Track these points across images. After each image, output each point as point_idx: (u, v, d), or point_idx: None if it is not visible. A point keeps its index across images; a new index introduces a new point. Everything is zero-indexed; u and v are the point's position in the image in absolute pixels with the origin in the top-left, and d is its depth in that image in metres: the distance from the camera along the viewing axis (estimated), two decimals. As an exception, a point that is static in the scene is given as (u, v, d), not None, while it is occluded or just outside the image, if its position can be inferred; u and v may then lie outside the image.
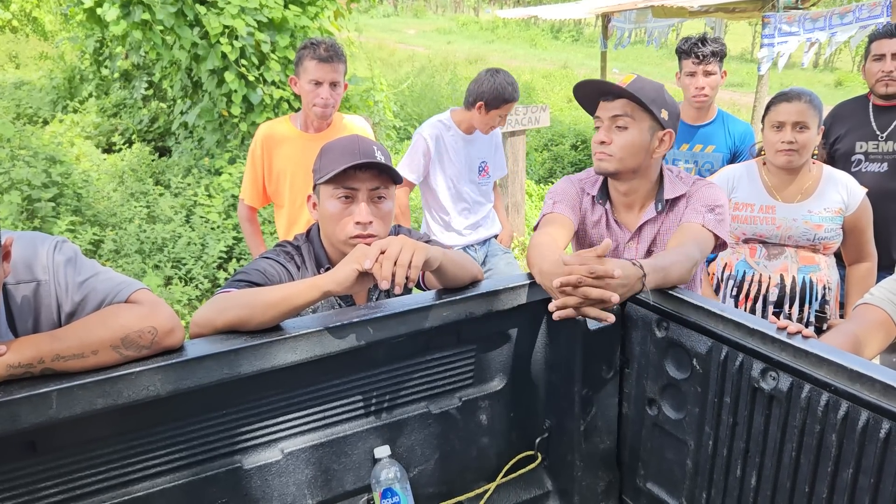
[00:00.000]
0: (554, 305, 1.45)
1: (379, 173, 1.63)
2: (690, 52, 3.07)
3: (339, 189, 1.62)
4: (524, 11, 17.54)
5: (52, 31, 14.73)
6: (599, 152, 1.89)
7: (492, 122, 3.21)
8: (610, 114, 1.86)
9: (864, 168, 2.97)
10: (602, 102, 1.89)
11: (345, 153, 1.61)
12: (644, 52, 24.67)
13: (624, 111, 1.84)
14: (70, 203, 5.29)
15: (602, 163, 1.89)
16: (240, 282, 1.54)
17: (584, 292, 1.40)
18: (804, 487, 1.34)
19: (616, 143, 1.86)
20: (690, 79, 3.10)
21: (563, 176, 8.11)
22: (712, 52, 3.04)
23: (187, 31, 5.32)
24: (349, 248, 1.58)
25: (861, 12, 6.60)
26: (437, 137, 3.27)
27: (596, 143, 1.89)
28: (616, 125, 1.86)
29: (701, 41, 3.08)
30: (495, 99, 3.13)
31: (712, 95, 3.13)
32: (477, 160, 3.38)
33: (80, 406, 1.17)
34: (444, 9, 49.19)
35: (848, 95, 3.50)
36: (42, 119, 8.64)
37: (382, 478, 1.56)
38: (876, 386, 1.20)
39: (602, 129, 1.88)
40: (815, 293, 2.42)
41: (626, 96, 1.84)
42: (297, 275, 1.68)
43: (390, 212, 1.69)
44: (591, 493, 1.80)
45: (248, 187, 2.95)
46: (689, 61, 3.08)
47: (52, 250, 1.26)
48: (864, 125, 2.98)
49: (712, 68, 3.06)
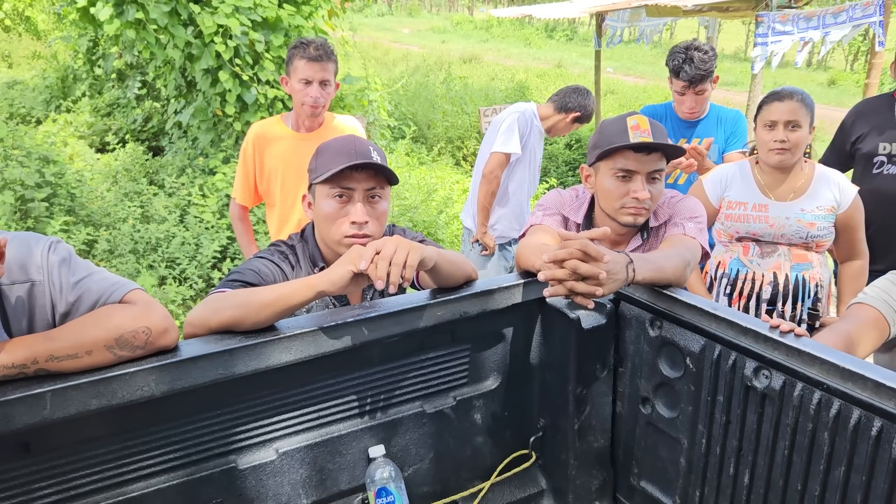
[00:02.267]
0: (542, 276, 1.48)
1: (375, 174, 1.64)
2: (679, 75, 3.00)
3: (335, 188, 1.62)
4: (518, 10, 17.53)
5: (45, 30, 14.68)
6: (638, 207, 1.81)
7: (566, 132, 3.54)
8: (650, 168, 1.80)
9: (887, 171, 2.91)
10: (634, 154, 1.80)
11: (341, 153, 1.61)
12: (638, 52, 24.70)
13: (660, 166, 1.82)
14: (64, 203, 5.27)
15: (639, 218, 1.84)
16: (234, 281, 1.54)
17: (573, 265, 1.43)
18: (797, 485, 1.35)
19: (653, 196, 1.82)
20: (681, 97, 3.08)
21: (557, 174, 8.08)
22: (701, 77, 2.96)
23: (181, 30, 5.31)
24: (344, 248, 1.59)
25: (855, 11, 6.63)
26: (529, 122, 3.47)
27: (631, 199, 1.80)
28: (651, 178, 1.81)
29: (689, 60, 2.95)
30: (587, 117, 3.49)
31: (704, 108, 3.15)
32: (541, 157, 3.69)
33: (75, 406, 1.17)
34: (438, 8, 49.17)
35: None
36: (35, 119, 8.62)
37: (377, 477, 1.56)
38: (868, 384, 1.21)
39: (641, 185, 1.79)
40: (807, 291, 2.43)
41: (661, 150, 1.80)
42: (291, 274, 1.68)
43: (385, 212, 1.69)
44: (585, 491, 1.80)
45: (239, 186, 2.95)
46: (680, 83, 3.03)
47: (47, 251, 1.25)
48: (889, 125, 2.91)
49: (702, 88, 3.02)
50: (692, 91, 3.02)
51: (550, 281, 1.48)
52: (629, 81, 17.64)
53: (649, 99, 14.30)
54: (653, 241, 1.93)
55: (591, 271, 1.42)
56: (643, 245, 1.93)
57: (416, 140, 9.10)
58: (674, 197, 1.96)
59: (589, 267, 1.43)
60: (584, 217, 1.96)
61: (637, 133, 1.77)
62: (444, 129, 9.48)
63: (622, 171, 1.80)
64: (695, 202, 1.94)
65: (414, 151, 8.31)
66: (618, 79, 17.85)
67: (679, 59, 2.99)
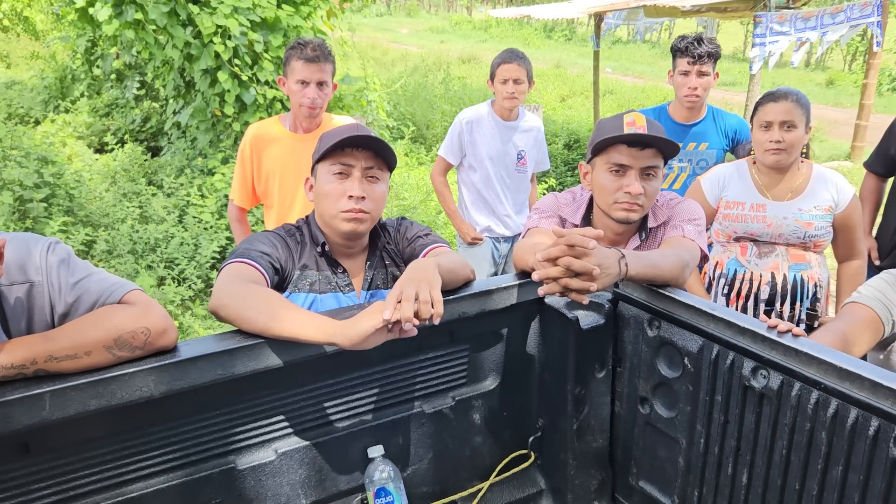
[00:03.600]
0: (536, 276, 1.49)
1: (375, 155, 1.67)
2: (686, 51, 3.06)
3: (335, 165, 1.65)
4: (517, 11, 17.56)
5: (43, 30, 14.67)
6: (631, 203, 1.80)
7: (500, 94, 3.34)
8: (642, 164, 1.78)
9: None
10: (627, 149, 1.78)
11: (343, 133, 1.65)
12: (637, 52, 24.72)
13: (655, 162, 1.79)
14: (62, 203, 5.27)
15: (632, 214, 1.82)
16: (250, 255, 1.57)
17: (566, 262, 1.45)
18: (794, 485, 1.35)
19: (647, 192, 1.80)
20: (684, 78, 3.10)
21: (556, 174, 8.08)
22: (708, 53, 3.04)
23: (180, 30, 5.30)
24: (341, 223, 1.63)
25: (852, 12, 6.64)
26: (472, 121, 3.44)
27: (624, 193, 1.79)
28: (646, 174, 1.80)
29: (697, 40, 3.07)
30: (493, 68, 3.36)
31: (704, 97, 3.14)
32: (514, 148, 3.50)
33: (74, 407, 1.17)
34: (437, 8, 49.18)
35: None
36: (33, 119, 8.61)
37: (376, 477, 1.56)
38: (865, 384, 1.21)
39: (634, 180, 1.78)
40: (806, 291, 2.43)
41: (657, 146, 1.78)
42: (294, 249, 1.71)
43: (383, 195, 1.72)
44: (583, 491, 1.80)
45: (237, 188, 2.95)
46: (685, 60, 3.07)
47: (46, 251, 1.26)
48: None
49: (706, 69, 3.06)
50: (696, 69, 3.06)
51: (545, 279, 1.49)
52: (628, 81, 17.64)
53: (648, 99, 14.31)
54: (651, 241, 1.93)
55: (585, 267, 1.44)
56: (642, 245, 1.93)
57: (415, 140, 9.10)
58: (673, 199, 1.96)
59: (582, 263, 1.44)
60: (583, 218, 1.96)
61: (632, 129, 1.77)
62: (442, 129, 9.47)
63: (616, 165, 1.80)
64: (694, 205, 1.94)
65: (413, 152, 8.31)
66: (616, 79, 17.87)
67: (688, 39, 3.11)
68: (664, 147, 1.80)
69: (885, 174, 3.24)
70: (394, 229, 1.83)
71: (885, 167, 3.20)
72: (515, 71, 3.29)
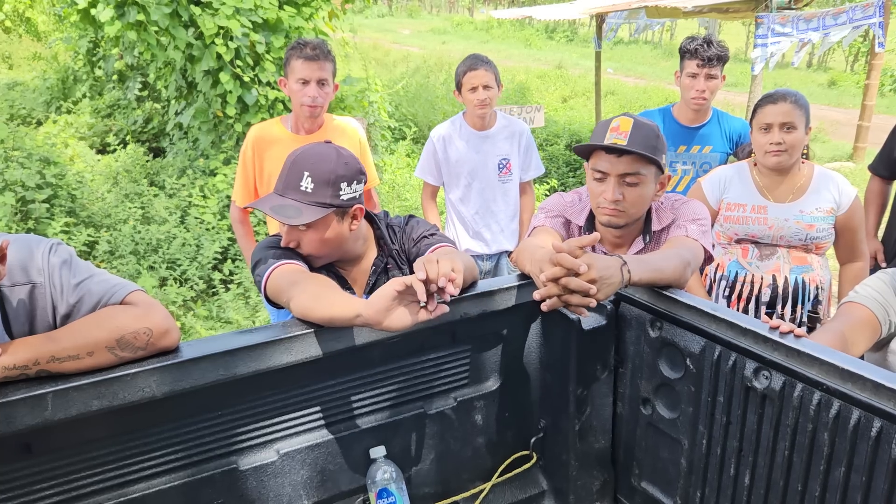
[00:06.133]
0: (538, 294, 1.48)
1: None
2: (695, 53, 3.02)
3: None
4: (518, 12, 17.55)
5: (45, 31, 14.67)
6: (612, 209, 1.80)
7: (470, 102, 3.16)
8: (619, 171, 1.76)
9: None
10: (606, 155, 1.77)
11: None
12: (639, 52, 24.69)
13: (635, 169, 1.76)
14: (64, 204, 5.27)
15: (613, 219, 1.82)
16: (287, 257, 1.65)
17: (565, 282, 1.44)
18: (797, 486, 1.35)
19: (628, 199, 1.78)
20: (692, 80, 3.06)
21: (557, 175, 8.08)
22: (717, 56, 3.00)
23: (182, 31, 5.31)
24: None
25: (854, 13, 6.63)
26: (444, 136, 3.28)
27: (604, 199, 1.79)
28: (626, 181, 1.78)
29: (707, 43, 3.02)
30: (458, 78, 3.16)
31: (710, 99, 3.12)
32: (494, 157, 3.30)
33: (76, 408, 1.17)
34: (438, 9, 49.17)
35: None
36: (36, 120, 8.62)
37: (378, 478, 1.57)
38: (867, 385, 1.21)
39: (611, 187, 1.77)
40: (807, 293, 2.43)
41: (634, 154, 1.74)
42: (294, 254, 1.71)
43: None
44: (586, 492, 1.80)
45: (239, 189, 2.95)
46: (693, 62, 3.03)
47: (48, 252, 1.26)
48: None
49: (715, 72, 3.03)
50: (705, 72, 3.03)
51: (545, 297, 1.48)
52: (629, 82, 17.63)
53: (649, 100, 14.30)
54: (655, 244, 1.92)
55: (581, 287, 1.43)
56: (646, 248, 1.92)
57: (417, 141, 9.09)
58: (677, 200, 1.95)
59: (578, 282, 1.43)
60: (587, 219, 1.95)
61: (613, 134, 1.75)
62: (444, 129, 9.45)
63: (597, 171, 1.81)
64: (698, 205, 1.93)
65: (415, 152, 8.31)
66: (618, 80, 17.85)
67: (697, 41, 3.06)
68: (642, 155, 1.75)
69: (889, 176, 3.24)
70: (400, 229, 1.84)
71: (890, 169, 3.20)
72: (483, 77, 3.08)
